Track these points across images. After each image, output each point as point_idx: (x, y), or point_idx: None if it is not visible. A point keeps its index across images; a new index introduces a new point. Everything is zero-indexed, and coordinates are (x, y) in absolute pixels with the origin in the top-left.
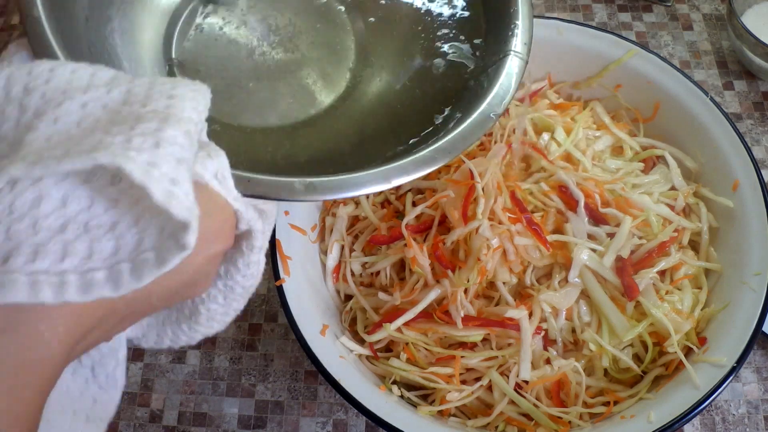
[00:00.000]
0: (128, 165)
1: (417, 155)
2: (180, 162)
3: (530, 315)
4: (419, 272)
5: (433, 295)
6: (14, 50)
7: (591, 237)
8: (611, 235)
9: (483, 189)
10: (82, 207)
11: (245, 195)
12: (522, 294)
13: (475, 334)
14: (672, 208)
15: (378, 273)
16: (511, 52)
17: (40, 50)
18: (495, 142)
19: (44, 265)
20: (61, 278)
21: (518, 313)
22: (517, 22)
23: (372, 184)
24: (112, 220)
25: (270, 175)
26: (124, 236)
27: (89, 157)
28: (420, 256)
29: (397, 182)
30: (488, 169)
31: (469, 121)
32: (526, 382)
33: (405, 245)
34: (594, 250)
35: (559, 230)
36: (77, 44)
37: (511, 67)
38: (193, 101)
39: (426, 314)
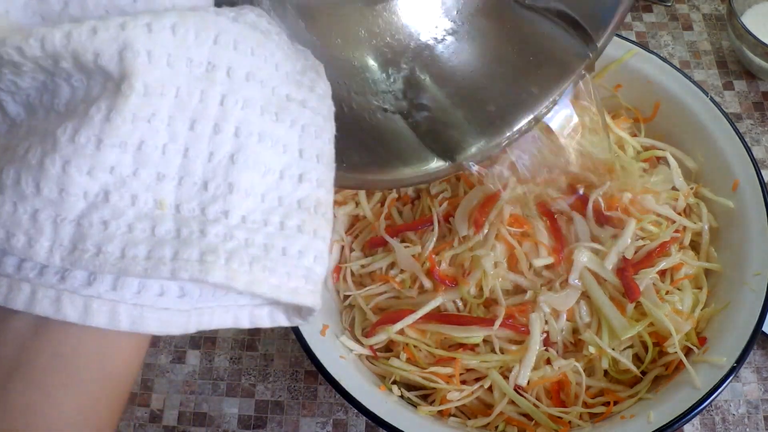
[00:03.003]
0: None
1: None
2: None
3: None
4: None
5: (434, 303)
6: None
7: (594, 239)
8: (615, 236)
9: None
10: None
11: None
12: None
13: (476, 335)
14: (673, 208)
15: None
16: None
17: None
18: None
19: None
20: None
21: (533, 316)
22: None
23: None
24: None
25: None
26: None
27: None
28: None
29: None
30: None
31: None
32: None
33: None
34: (596, 252)
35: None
36: None
37: None
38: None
39: (427, 315)
